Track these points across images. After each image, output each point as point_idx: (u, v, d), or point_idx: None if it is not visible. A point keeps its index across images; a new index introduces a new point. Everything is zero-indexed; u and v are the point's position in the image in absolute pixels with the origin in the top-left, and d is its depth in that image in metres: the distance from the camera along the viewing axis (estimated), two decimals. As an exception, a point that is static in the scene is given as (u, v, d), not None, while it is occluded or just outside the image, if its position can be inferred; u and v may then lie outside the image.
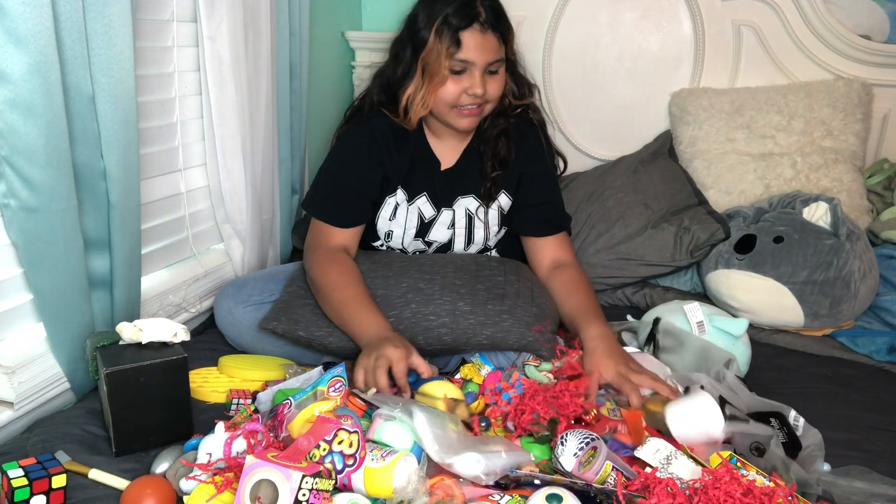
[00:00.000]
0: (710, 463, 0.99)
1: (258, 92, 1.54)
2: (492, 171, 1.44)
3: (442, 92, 1.34)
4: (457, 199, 1.47)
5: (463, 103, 1.35)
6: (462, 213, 1.47)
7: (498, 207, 1.49)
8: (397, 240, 1.49)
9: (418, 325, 1.26)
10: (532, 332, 1.25)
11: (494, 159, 1.44)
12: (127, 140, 1.17)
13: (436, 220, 1.47)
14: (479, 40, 1.30)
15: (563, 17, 2.02)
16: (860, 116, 1.81)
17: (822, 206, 1.58)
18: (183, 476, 0.94)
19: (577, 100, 2.08)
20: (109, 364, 1.03)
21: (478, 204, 1.48)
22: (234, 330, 1.40)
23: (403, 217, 1.47)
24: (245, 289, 1.42)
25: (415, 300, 1.28)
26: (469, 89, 1.33)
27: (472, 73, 1.32)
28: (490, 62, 1.33)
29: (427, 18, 1.32)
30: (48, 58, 0.99)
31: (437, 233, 1.48)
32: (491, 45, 1.32)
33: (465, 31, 1.29)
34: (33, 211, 1.04)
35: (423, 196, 1.47)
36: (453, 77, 1.33)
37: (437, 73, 1.31)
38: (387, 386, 1.09)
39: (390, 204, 1.46)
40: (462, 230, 1.48)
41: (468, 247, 1.50)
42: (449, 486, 0.90)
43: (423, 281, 1.32)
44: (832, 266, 1.52)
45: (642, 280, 1.73)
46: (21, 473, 0.89)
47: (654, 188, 1.82)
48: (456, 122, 1.39)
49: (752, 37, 1.92)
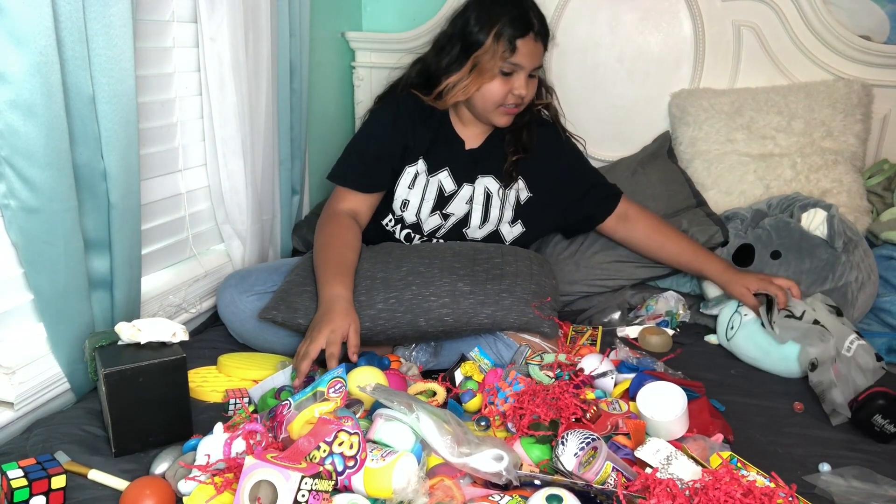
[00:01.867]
0: (711, 463, 0.99)
1: (258, 92, 1.54)
2: (513, 155, 1.54)
3: (489, 91, 1.45)
4: (477, 178, 1.55)
5: (507, 102, 1.47)
6: (481, 191, 1.54)
7: (516, 194, 1.55)
8: (412, 210, 1.54)
9: (419, 306, 1.29)
10: (532, 309, 1.30)
11: (517, 144, 1.55)
12: (127, 140, 1.17)
13: (456, 195, 1.54)
14: (531, 48, 1.43)
15: (563, 18, 2.02)
16: (860, 117, 1.80)
17: (820, 214, 1.59)
18: (182, 477, 0.94)
19: (576, 100, 2.07)
20: (108, 364, 1.03)
21: (498, 185, 1.55)
22: (237, 320, 1.41)
23: (422, 188, 1.53)
24: (248, 279, 1.43)
25: (415, 283, 1.32)
26: (515, 90, 1.45)
27: (519, 75, 1.45)
28: (535, 67, 1.47)
29: (484, 22, 1.43)
30: (48, 58, 0.99)
31: (456, 206, 1.54)
32: (539, 53, 1.46)
33: (521, 38, 1.41)
34: (33, 211, 1.04)
35: (446, 170, 1.54)
36: (502, 77, 1.44)
37: (488, 70, 1.44)
38: (306, 370, 1.17)
39: (410, 173, 1.53)
40: (479, 206, 1.54)
41: (483, 224, 1.55)
42: (449, 487, 0.90)
43: (423, 265, 1.36)
44: (828, 280, 1.54)
45: (641, 282, 1.73)
46: (20, 474, 0.89)
47: (653, 189, 1.82)
48: (497, 119, 1.50)
49: (752, 37, 1.92)
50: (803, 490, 0.98)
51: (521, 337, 1.33)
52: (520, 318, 1.30)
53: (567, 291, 1.71)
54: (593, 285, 1.70)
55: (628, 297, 1.70)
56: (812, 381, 1.28)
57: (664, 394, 1.09)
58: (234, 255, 1.63)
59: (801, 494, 0.95)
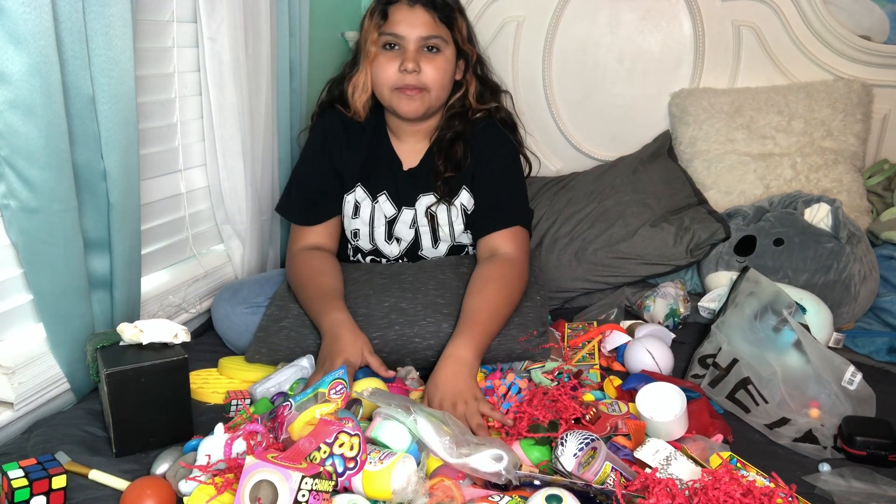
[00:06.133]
0: (710, 463, 0.99)
1: (258, 92, 1.54)
2: (444, 172, 1.42)
3: (377, 71, 1.38)
4: (418, 198, 1.46)
5: (402, 83, 1.36)
6: (423, 212, 1.46)
7: (461, 205, 1.45)
8: (365, 238, 1.48)
9: (404, 346, 1.26)
10: (519, 344, 1.27)
11: (447, 162, 1.42)
12: (127, 140, 1.17)
13: (397, 219, 1.47)
14: (405, 14, 1.34)
15: (563, 17, 2.02)
16: (860, 117, 1.81)
17: (824, 207, 1.59)
18: (183, 477, 0.94)
19: (577, 100, 2.08)
20: (110, 365, 1.03)
21: (437, 202, 1.45)
22: (232, 332, 1.40)
23: (368, 215, 1.47)
24: (241, 292, 1.43)
25: (398, 321, 1.28)
26: (402, 65, 1.34)
27: (406, 48, 1.35)
28: (423, 37, 1.35)
29: (367, 10, 1.40)
30: (48, 58, 0.99)
31: (401, 231, 1.47)
32: (421, 20, 1.35)
33: (392, 5, 1.35)
34: (33, 211, 1.04)
35: (384, 194, 1.47)
36: (386, 54, 1.37)
37: (371, 50, 1.37)
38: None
39: (349, 202, 1.47)
40: (426, 228, 1.46)
41: (436, 245, 1.47)
42: (449, 488, 0.90)
43: (405, 300, 1.31)
44: (832, 269, 1.52)
45: (642, 279, 1.73)
46: (21, 474, 0.89)
47: (654, 188, 1.82)
48: (398, 107, 1.39)
49: (752, 37, 1.92)
50: (803, 490, 0.98)
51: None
52: (508, 354, 1.27)
53: (568, 287, 1.71)
54: (594, 282, 1.70)
55: (628, 294, 1.70)
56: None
57: (664, 394, 1.09)
58: (234, 256, 1.62)
59: (801, 494, 0.95)
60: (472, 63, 1.46)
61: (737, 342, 1.30)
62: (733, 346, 1.29)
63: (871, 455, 1.08)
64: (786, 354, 1.25)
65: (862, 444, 1.08)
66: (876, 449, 1.08)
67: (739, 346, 1.29)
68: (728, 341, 1.30)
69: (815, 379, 1.20)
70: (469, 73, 1.46)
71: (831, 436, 1.13)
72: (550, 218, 1.81)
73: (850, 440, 1.09)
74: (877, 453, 1.08)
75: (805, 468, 1.08)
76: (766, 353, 1.26)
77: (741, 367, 1.24)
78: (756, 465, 1.01)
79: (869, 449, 1.08)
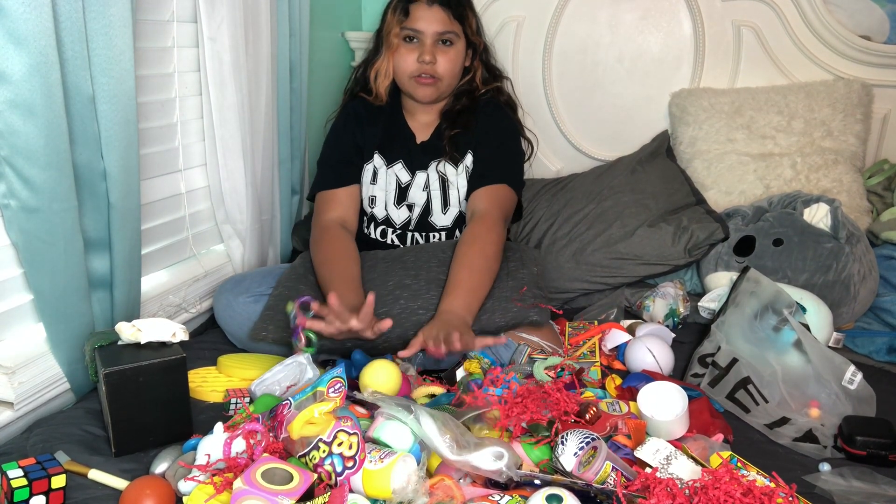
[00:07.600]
0: (711, 463, 0.99)
1: (258, 92, 1.54)
2: (450, 129, 1.57)
3: (398, 61, 1.55)
4: (430, 164, 1.59)
5: (419, 72, 1.52)
6: (435, 176, 1.58)
7: (465, 170, 1.58)
8: (381, 205, 1.59)
9: (409, 319, 1.31)
10: (514, 304, 1.33)
11: (453, 120, 1.59)
12: (127, 140, 1.17)
13: (412, 184, 1.59)
14: (424, 11, 1.51)
15: (563, 17, 2.02)
16: (860, 117, 1.81)
17: (823, 207, 1.58)
18: (182, 476, 0.94)
19: (576, 100, 2.08)
20: (108, 364, 1.03)
21: (447, 164, 1.58)
22: (234, 323, 1.41)
23: (384, 181, 1.59)
24: (243, 283, 1.45)
25: (403, 296, 1.35)
26: (420, 57, 1.51)
27: (424, 42, 1.51)
28: (439, 33, 1.52)
29: (388, 6, 1.56)
30: (48, 58, 0.99)
31: (415, 195, 1.59)
32: (438, 17, 1.51)
33: (413, 3, 1.51)
34: (33, 211, 1.04)
35: (400, 163, 1.59)
36: (406, 46, 1.53)
37: (393, 42, 1.54)
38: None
39: (368, 170, 1.60)
40: (437, 192, 1.58)
41: (445, 210, 1.58)
42: (449, 487, 0.90)
43: (409, 277, 1.39)
44: (832, 269, 1.52)
45: (641, 280, 1.73)
46: (20, 474, 0.89)
47: (653, 188, 1.82)
48: (415, 92, 1.56)
49: (752, 37, 1.92)
50: (803, 490, 0.98)
51: (519, 336, 1.33)
52: (504, 315, 1.32)
53: (567, 288, 1.71)
54: (593, 282, 1.70)
55: (628, 294, 1.70)
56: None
57: (664, 394, 1.09)
58: (234, 255, 1.63)
59: (801, 494, 0.95)
60: (479, 51, 1.63)
61: (737, 342, 1.30)
62: (733, 346, 1.29)
63: (871, 455, 1.08)
64: (786, 354, 1.25)
65: (862, 444, 1.08)
66: (876, 448, 1.08)
67: (739, 345, 1.29)
68: (728, 340, 1.30)
69: (815, 379, 1.20)
70: (476, 60, 1.63)
71: (831, 435, 1.13)
72: (549, 219, 1.82)
73: (851, 440, 1.09)
74: (877, 453, 1.08)
75: (805, 468, 1.07)
76: (766, 352, 1.26)
77: (741, 367, 1.24)
78: (756, 464, 1.01)
79: (869, 448, 1.08)
